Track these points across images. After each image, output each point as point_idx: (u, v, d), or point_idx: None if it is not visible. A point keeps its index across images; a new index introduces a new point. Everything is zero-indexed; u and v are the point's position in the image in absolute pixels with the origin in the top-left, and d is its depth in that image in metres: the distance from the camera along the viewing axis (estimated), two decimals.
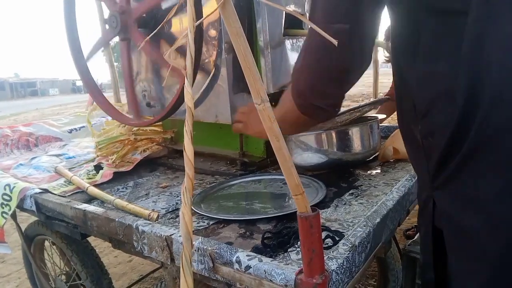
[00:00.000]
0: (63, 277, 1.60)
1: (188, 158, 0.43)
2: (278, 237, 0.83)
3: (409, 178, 1.07)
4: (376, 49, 5.48)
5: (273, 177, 1.28)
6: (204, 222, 0.98)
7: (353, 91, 12.86)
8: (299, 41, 1.51)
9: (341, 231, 0.84)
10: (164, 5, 1.38)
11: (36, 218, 1.40)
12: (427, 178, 0.69)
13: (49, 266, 1.65)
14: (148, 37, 0.71)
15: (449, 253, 0.67)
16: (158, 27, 0.71)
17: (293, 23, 1.47)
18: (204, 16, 1.15)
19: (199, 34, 1.15)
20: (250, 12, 1.31)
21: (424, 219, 0.73)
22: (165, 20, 0.82)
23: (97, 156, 1.64)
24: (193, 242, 0.62)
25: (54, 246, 1.55)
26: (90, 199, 1.24)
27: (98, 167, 1.52)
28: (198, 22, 0.51)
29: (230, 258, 0.71)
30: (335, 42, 0.49)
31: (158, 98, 1.54)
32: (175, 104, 1.27)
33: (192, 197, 0.49)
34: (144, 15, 1.39)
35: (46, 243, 1.63)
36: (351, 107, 1.27)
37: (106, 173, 1.45)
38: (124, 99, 1.60)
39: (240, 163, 1.42)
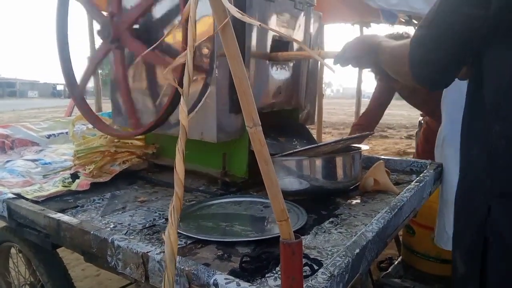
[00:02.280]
0: (27, 287, 1.53)
1: (178, 177, 0.42)
2: (257, 261, 0.82)
3: (389, 211, 1.07)
4: (360, 80, 5.59)
5: (254, 199, 1.27)
6: (181, 241, 0.96)
7: (335, 119, 13.07)
8: (283, 66, 1.53)
9: (320, 259, 0.84)
10: (156, 16, 1.38)
11: (3, 224, 1.35)
12: (487, 183, 0.71)
13: (13, 275, 1.58)
14: (148, 50, 0.71)
15: (491, 268, 0.67)
16: (157, 43, 0.71)
17: (279, 47, 1.49)
18: (201, 35, 1.16)
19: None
20: (242, 35, 1.33)
21: (473, 226, 0.74)
22: (163, 37, 0.82)
23: (75, 164, 1.60)
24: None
25: (20, 254, 1.49)
26: (65, 208, 1.20)
27: (74, 176, 1.48)
28: (198, 42, 0.52)
29: (208, 280, 0.70)
30: (333, 70, 0.50)
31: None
32: (161, 117, 1.26)
33: None
34: (137, 26, 1.39)
35: (12, 250, 1.57)
36: (335, 139, 1.29)
37: (82, 183, 1.41)
38: (104, 107, 1.58)
39: (221, 182, 1.41)
